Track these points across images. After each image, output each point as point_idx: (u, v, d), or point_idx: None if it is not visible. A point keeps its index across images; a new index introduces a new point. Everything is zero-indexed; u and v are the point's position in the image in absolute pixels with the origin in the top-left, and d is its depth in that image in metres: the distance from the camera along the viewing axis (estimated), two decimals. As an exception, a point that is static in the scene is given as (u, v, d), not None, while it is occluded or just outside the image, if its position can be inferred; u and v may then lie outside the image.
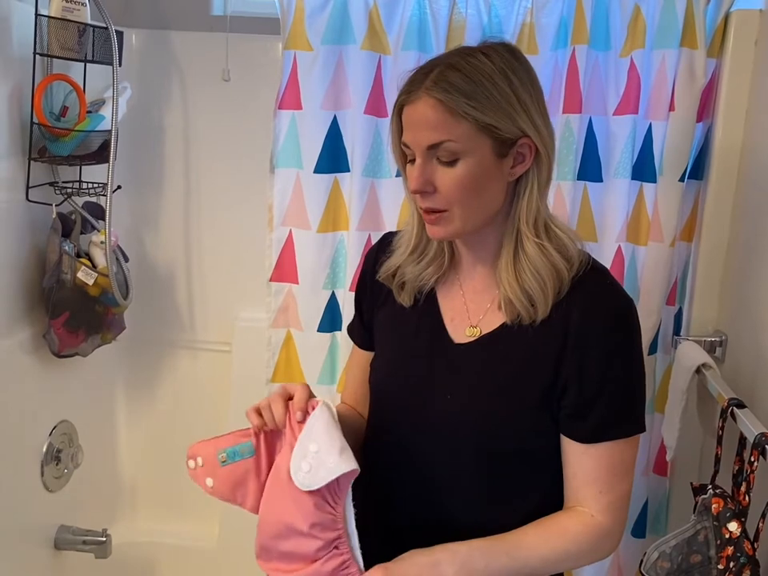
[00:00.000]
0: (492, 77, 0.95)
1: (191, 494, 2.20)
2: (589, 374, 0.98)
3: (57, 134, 1.75)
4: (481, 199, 0.98)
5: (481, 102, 0.94)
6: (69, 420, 1.97)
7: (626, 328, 1.00)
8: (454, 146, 0.95)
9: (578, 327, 0.98)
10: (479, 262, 1.07)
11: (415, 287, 1.10)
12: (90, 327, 1.90)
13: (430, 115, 0.95)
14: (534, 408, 1.00)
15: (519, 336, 1.01)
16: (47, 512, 1.91)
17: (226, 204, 2.09)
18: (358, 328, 1.22)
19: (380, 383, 1.14)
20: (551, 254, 0.99)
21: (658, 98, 1.57)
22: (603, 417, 0.98)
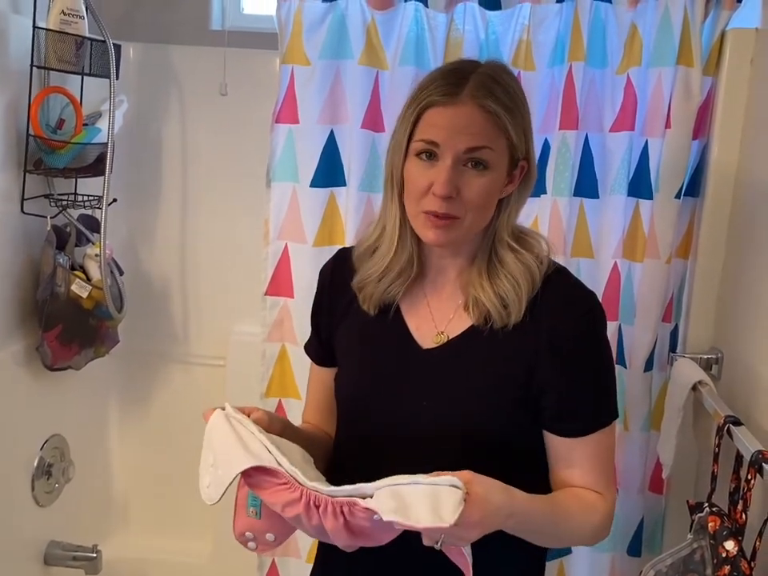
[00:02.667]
0: (520, 96, 1.01)
1: (184, 509, 2.21)
2: (567, 373, 1.01)
3: (53, 146, 1.75)
4: (487, 212, 1.02)
5: (516, 121, 0.99)
6: (61, 434, 1.95)
7: (596, 322, 1.04)
8: (489, 155, 0.97)
9: (549, 328, 1.01)
10: (448, 269, 1.09)
11: (380, 300, 1.10)
12: (83, 340, 1.89)
13: (476, 121, 0.97)
14: (510, 408, 1.02)
15: (490, 338, 1.03)
16: (37, 527, 1.89)
17: (221, 217, 2.09)
18: (316, 346, 1.21)
19: (349, 396, 1.13)
20: (524, 257, 1.03)
21: (654, 116, 1.57)
22: (587, 413, 1.02)
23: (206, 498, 0.94)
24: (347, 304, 1.14)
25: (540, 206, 1.58)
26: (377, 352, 1.11)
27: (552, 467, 1.06)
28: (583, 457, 1.03)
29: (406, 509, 0.85)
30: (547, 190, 1.60)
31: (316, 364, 1.22)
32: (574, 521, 1.01)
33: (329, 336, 1.18)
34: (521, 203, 1.07)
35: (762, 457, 1.07)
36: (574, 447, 1.02)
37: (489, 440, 1.01)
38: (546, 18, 1.57)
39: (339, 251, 1.22)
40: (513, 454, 1.03)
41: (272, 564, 1.80)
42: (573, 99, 1.56)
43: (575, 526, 1.02)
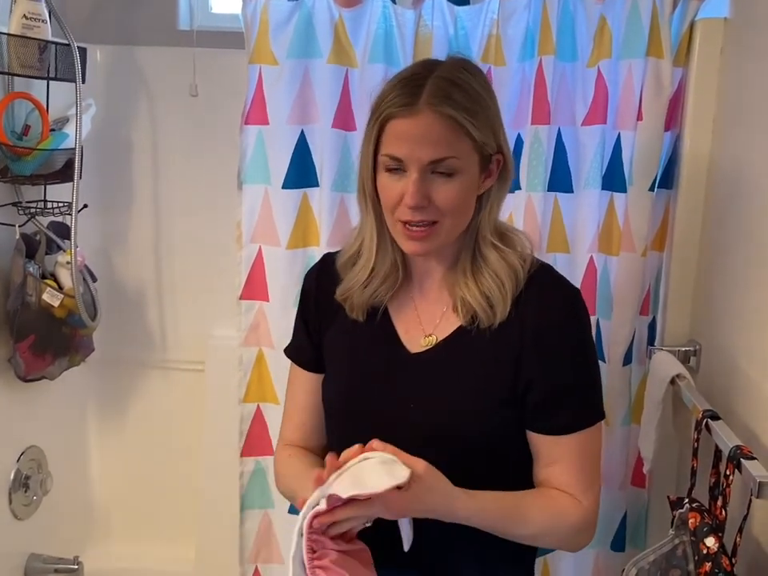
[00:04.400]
0: (482, 94, 1.00)
1: (166, 517, 2.19)
2: (551, 371, 1.01)
3: (19, 153, 1.71)
4: (464, 213, 1.02)
5: (479, 120, 0.98)
6: (37, 445, 1.93)
7: (579, 319, 1.04)
8: (455, 163, 0.98)
9: (533, 326, 1.01)
10: (432, 271, 1.10)
11: (367, 304, 1.10)
12: (57, 350, 1.86)
13: (435, 129, 0.96)
14: (497, 408, 1.02)
15: (477, 339, 1.03)
16: (16, 540, 1.87)
17: (195, 220, 2.06)
18: (308, 350, 1.20)
19: (337, 401, 1.13)
20: (508, 254, 1.03)
21: (626, 108, 1.56)
22: (570, 409, 1.02)
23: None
24: (335, 309, 1.14)
25: (515, 202, 1.57)
26: (365, 357, 1.11)
27: (534, 466, 1.06)
28: (563, 456, 1.02)
29: (362, 482, 0.89)
30: (521, 186, 1.58)
31: (306, 370, 1.21)
32: (534, 524, 1.01)
33: (319, 339, 1.17)
34: (501, 197, 1.07)
35: (741, 452, 1.06)
36: (555, 445, 1.02)
37: (477, 441, 1.01)
38: (515, 12, 1.56)
39: (325, 255, 1.23)
40: (501, 455, 1.03)
41: (255, 571, 1.78)
42: (544, 94, 1.55)
43: (536, 530, 1.02)
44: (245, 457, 1.75)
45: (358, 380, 1.11)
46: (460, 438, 1.02)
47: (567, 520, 1.02)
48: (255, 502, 1.77)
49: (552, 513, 1.02)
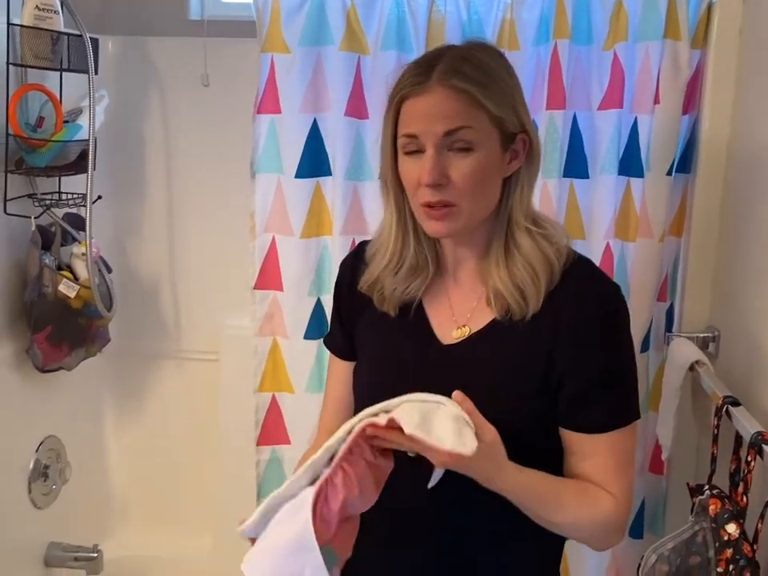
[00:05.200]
0: (496, 69, 0.98)
1: (183, 505, 2.20)
2: (584, 367, 0.98)
3: (33, 145, 1.71)
4: (487, 193, 0.99)
5: (495, 93, 0.96)
6: (56, 435, 1.94)
7: (617, 315, 1.01)
8: (470, 134, 0.95)
9: (569, 319, 0.98)
10: (464, 260, 1.07)
11: (400, 299, 1.09)
12: (73, 340, 1.86)
13: (448, 104, 0.95)
14: (528, 402, 1.00)
15: (510, 331, 1.01)
16: (36, 529, 1.88)
17: (208, 210, 2.06)
18: (340, 338, 1.20)
19: (367, 392, 1.12)
20: (543, 245, 1.00)
21: (643, 92, 1.55)
22: (604, 408, 0.99)
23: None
24: (367, 299, 1.13)
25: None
26: (396, 348, 1.10)
27: (566, 459, 1.04)
28: (596, 453, 1.00)
29: (429, 427, 0.84)
30: (536, 172, 1.57)
31: (339, 358, 1.20)
32: (568, 512, 0.99)
33: (351, 328, 1.17)
34: (531, 179, 1.03)
35: (762, 438, 1.05)
36: (588, 442, 1.00)
37: (508, 434, 0.97)
38: (530, -5, 1.54)
39: (360, 244, 1.21)
40: (532, 448, 1.00)
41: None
42: (559, 78, 1.53)
43: (570, 519, 0.99)
44: (261, 446, 1.75)
45: (388, 371, 1.10)
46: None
47: (602, 515, 0.99)
48: (272, 490, 1.74)
49: (588, 505, 0.98)
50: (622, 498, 1.00)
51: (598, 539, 1.04)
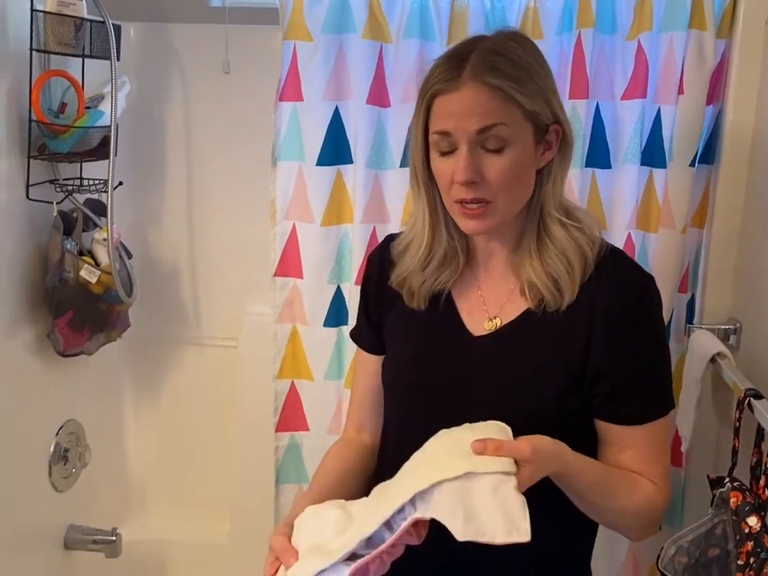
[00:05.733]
0: (531, 62, 0.97)
1: (201, 490, 2.22)
2: (622, 358, 0.98)
3: (56, 130, 1.73)
4: (522, 188, 0.99)
5: (528, 88, 0.95)
6: (76, 419, 1.96)
7: (653, 305, 1.01)
8: (504, 131, 0.94)
9: (605, 311, 0.97)
10: (496, 252, 1.07)
11: (429, 292, 1.08)
12: (94, 326, 1.88)
13: (481, 100, 0.94)
14: (562, 394, 0.99)
15: (544, 322, 1.00)
16: (56, 512, 1.91)
17: (229, 197, 2.07)
18: (366, 331, 1.20)
19: (397, 384, 1.12)
20: (576, 235, 1.00)
21: (667, 82, 1.53)
22: (640, 400, 0.99)
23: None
24: (396, 292, 1.12)
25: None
26: (428, 342, 1.09)
27: (602, 449, 1.03)
28: (633, 444, 1.00)
29: (474, 517, 0.80)
30: (558, 162, 1.56)
31: (366, 351, 1.20)
32: (619, 499, 0.98)
33: (378, 321, 1.16)
34: (564, 170, 1.03)
35: (784, 431, 1.05)
36: (624, 433, 1.00)
37: (541, 426, 0.96)
38: (553, -17, 1.53)
39: (387, 237, 1.21)
40: (566, 440, 0.97)
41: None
42: (582, 67, 1.52)
43: (620, 506, 0.99)
44: (279, 432, 1.76)
45: (421, 365, 1.09)
46: (522, 423, 0.95)
47: (647, 503, 0.99)
48: (290, 477, 1.79)
49: (636, 492, 0.99)
50: (662, 485, 1.01)
51: (640, 527, 1.03)
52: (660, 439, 1.01)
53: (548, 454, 0.89)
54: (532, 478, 0.86)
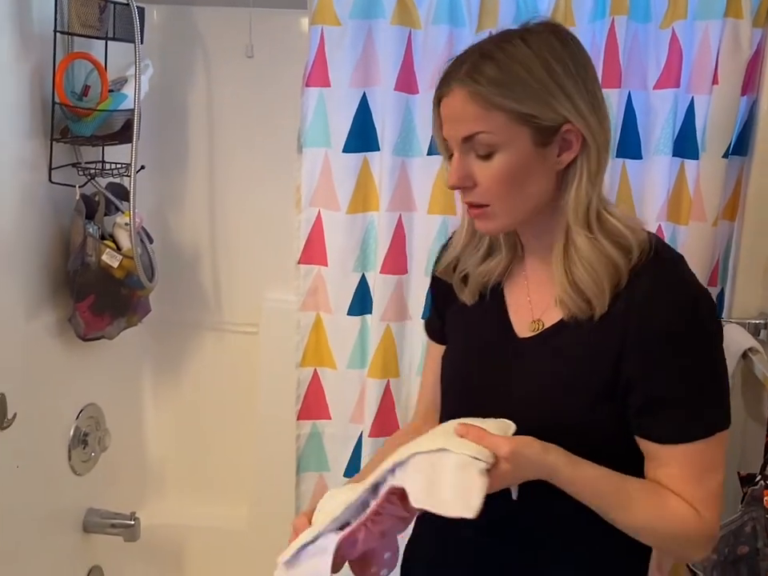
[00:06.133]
0: (528, 63, 0.92)
1: (219, 475, 2.22)
2: (654, 377, 0.92)
3: (79, 113, 1.71)
4: (524, 192, 0.95)
5: (514, 92, 0.91)
6: (95, 403, 1.96)
7: (697, 326, 0.92)
8: (488, 138, 0.93)
9: (638, 323, 0.92)
10: (540, 252, 1.04)
11: (480, 283, 1.07)
12: (115, 310, 1.88)
13: (462, 108, 0.93)
14: (595, 403, 0.96)
15: (577, 332, 0.97)
16: (75, 495, 1.91)
17: (251, 183, 2.06)
18: (434, 323, 1.20)
19: (447, 379, 1.12)
20: (604, 247, 0.94)
21: (701, 71, 1.51)
22: (676, 420, 0.93)
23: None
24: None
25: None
26: (477, 338, 1.09)
27: (646, 468, 0.99)
28: (672, 463, 0.94)
29: (434, 492, 0.84)
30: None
31: (434, 342, 1.20)
32: (636, 514, 0.94)
33: (443, 315, 1.17)
34: (592, 170, 0.95)
35: (821, 429, 1.03)
36: (663, 452, 0.94)
37: (574, 435, 0.95)
38: (587, -31, 1.50)
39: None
40: (603, 451, 0.96)
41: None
42: (615, 55, 1.50)
43: (639, 523, 0.95)
44: (301, 420, 1.76)
45: (469, 362, 1.09)
46: (553, 431, 0.94)
47: (678, 526, 0.94)
48: (311, 465, 1.78)
49: (661, 512, 0.94)
50: (702, 509, 0.93)
51: (677, 549, 0.99)
52: (703, 461, 0.93)
53: (528, 459, 0.89)
54: (509, 475, 0.88)
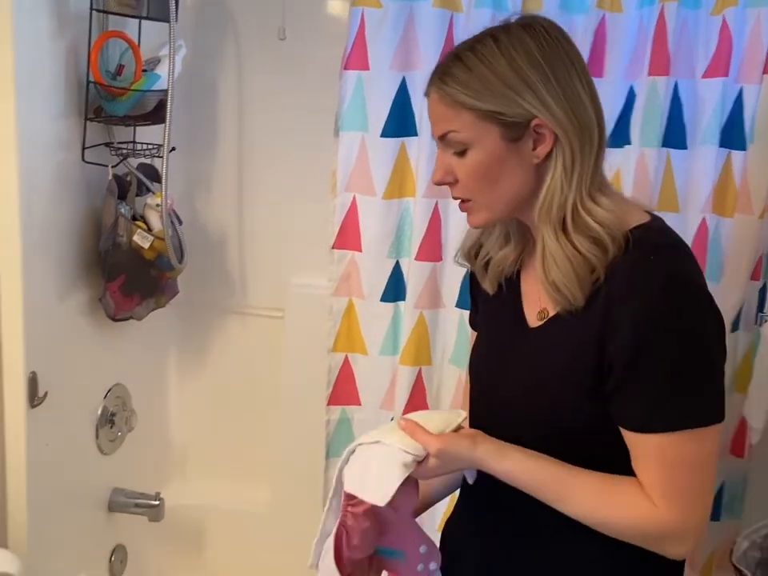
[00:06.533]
0: (492, 62, 0.94)
1: (242, 458, 2.22)
2: (623, 358, 0.91)
3: (113, 93, 1.70)
4: (501, 187, 0.98)
5: (477, 90, 0.94)
6: (123, 383, 1.95)
7: (664, 311, 0.89)
8: (459, 137, 0.96)
9: (614, 309, 0.91)
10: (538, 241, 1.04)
11: (497, 272, 1.09)
12: (144, 291, 1.87)
13: (436, 108, 0.98)
14: (586, 395, 0.95)
15: (569, 323, 0.97)
16: (101, 474, 1.92)
17: (280, 167, 2.04)
18: (473, 313, 1.22)
19: (471, 370, 1.15)
20: (578, 244, 0.93)
21: (751, 61, 1.48)
22: (644, 408, 0.91)
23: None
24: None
25: (624, 157, 1.50)
26: (495, 328, 1.12)
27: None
28: (640, 455, 0.93)
29: (360, 478, 0.94)
30: (632, 141, 1.51)
31: (474, 330, 1.22)
32: (578, 504, 0.95)
33: (476, 304, 1.20)
34: (566, 167, 0.94)
35: None
36: (635, 442, 0.93)
37: (565, 427, 0.97)
38: (636, -46, 1.47)
39: None
40: (591, 445, 0.97)
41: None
42: (664, 43, 1.47)
43: (583, 511, 0.95)
44: (331, 406, 1.75)
45: (487, 351, 1.12)
46: (550, 423, 0.98)
47: (628, 517, 0.94)
48: (340, 451, 1.75)
49: (608, 502, 0.95)
50: (662, 503, 0.91)
51: (642, 543, 0.95)
52: (672, 458, 0.91)
53: (456, 455, 0.96)
54: (439, 469, 0.97)
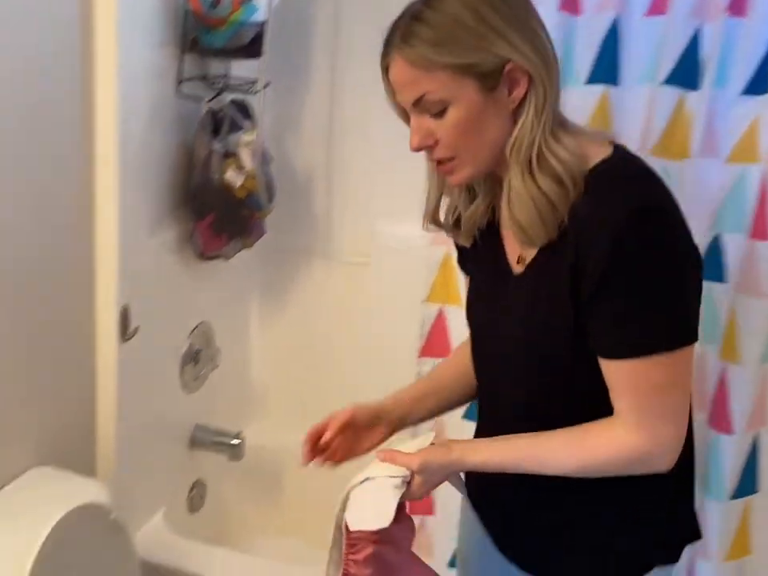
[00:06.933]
0: (456, 15, 0.94)
1: (320, 402, 2.20)
2: (593, 292, 0.94)
3: (210, 23, 1.65)
4: (484, 138, 0.98)
5: (448, 47, 0.94)
6: (208, 321, 1.95)
7: (633, 228, 0.91)
8: (435, 97, 0.95)
9: (579, 250, 0.94)
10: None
11: (470, 226, 1.09)
12: (233, 230, 1.85)
13: (405, 73, 0.96)
14: (570, 339, 0.98)
15: (544, 263, 0.99)
16: (184, 410, 1.94)
17: (375, 109, 1.95)
18: (459, 257, 1.24)
19: (467, 319, 1.18)
20: (541, 183, 0.94)
21: None
22: (611, 335, 0.95)
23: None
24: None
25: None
26: (482, 279, 1.14)
27: None
28: (613, 382, 0.97)
29: (360, 513, 0.99)
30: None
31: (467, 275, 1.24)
32: (561, 466, 1.00)
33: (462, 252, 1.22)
34: (538, 108, 0.95)
35: None
36: (605, 368, 0.97)
37: (557, 371, 1.01)
38: None
39: None
40: (583, 384, 1.01)
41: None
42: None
43: (569, 470, 1.00)
44: (423, 357, 1.72)
45: (475, 300, 1.15)
46: (541, 365, 1.03)
47: (607, 452, 0.98)
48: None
49: (583, 448, 0.99)
50: (636, 432, 0.95)
51: (630, 471, 0.99)
52: (648, 380, 0.94)
53: (436, 465, 1.02)
54: (428, 484, 1.02)
